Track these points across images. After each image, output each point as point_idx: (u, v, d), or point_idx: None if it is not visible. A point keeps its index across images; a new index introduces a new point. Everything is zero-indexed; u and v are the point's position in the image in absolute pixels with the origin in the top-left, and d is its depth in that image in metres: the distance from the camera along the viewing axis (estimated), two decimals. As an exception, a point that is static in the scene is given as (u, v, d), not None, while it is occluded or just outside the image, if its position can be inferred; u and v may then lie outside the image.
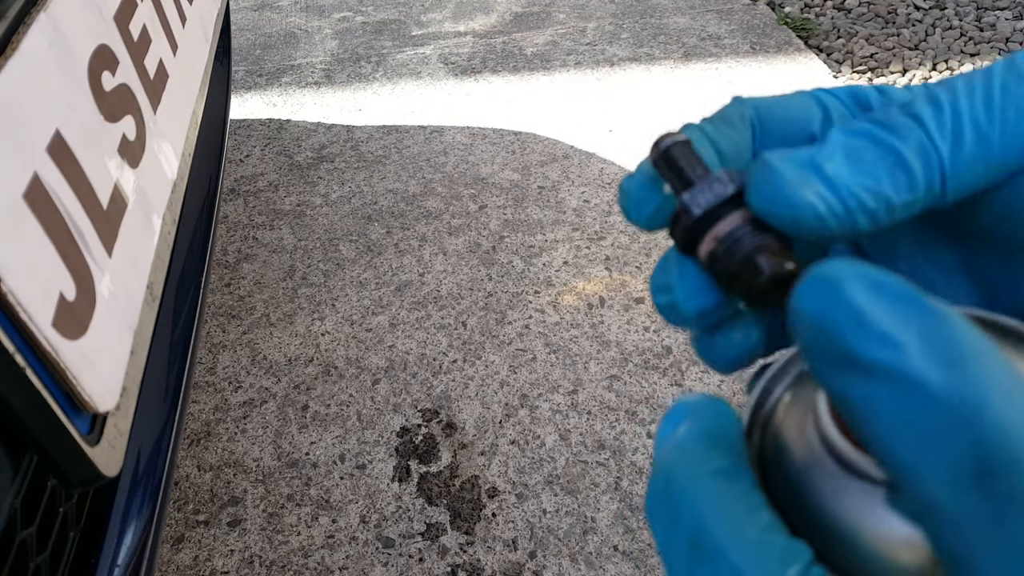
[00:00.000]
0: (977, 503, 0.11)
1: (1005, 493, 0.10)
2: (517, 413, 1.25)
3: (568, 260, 1.54)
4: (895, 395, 0.11)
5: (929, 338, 0.11)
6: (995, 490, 0.10)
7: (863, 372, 0.11)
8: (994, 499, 0.10)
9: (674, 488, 0.14)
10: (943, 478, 0.11)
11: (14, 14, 0.55)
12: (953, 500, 0.11)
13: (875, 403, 0.11)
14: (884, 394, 0.11)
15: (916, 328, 0.11)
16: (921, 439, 0.11)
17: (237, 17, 2.72)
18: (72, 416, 0.51)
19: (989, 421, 0.10)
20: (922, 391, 0.11)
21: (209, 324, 1.47)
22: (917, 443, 0.11)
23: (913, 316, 0.11)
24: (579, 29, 2.41)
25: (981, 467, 0.10)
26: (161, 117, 0.79)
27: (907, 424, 0.11)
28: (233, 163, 1.93)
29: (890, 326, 0.11)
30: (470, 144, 1.92)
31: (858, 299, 0.12)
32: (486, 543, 1.09)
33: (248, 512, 1.15)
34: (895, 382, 0.11)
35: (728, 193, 0.17)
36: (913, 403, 0.11)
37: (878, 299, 0.12)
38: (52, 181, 0.53)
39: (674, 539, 0.14)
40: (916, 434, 0.11)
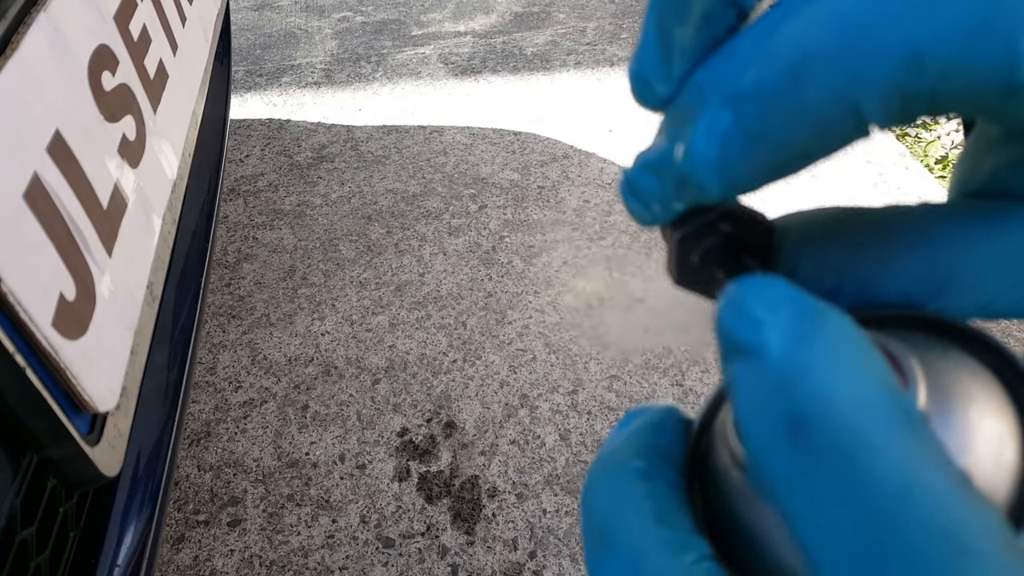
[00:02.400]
0: (789, 455, 0.11)
1: (811, 444, 0.11)
2: (517, 413, 1.25)
3: (568, 260, 1.54)
4: (746, 368, 0.12)
5: (790, 322, 0.12)
6: (803, 441, 0.11)
7: (734, 353, 0.12)
8: (802, 450, 0.11)
9: (593, 484, 0.16)
10: (763, 434, 0.12)
11: (14, 14, 0.55)
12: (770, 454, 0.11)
13: (736, 378, 0.12)
14: (742, 369, 0.12)
15: (784, 315, 0.12)
16: (752, 403, 0.12)
17: (237, 17, 2.72)
18: (72, 416, 0.51)
19: (808, 382, 0.11)
20: (764, 361, 0.12)
21: (209, 324, 1.47)
22: (749, 407, 0.12)
23: (786, 306, 0.12)
24: (579, 29, 2.41)
25: (791, 422, 0.11)
26: (161, 117, 0.79)
27: (748, 391, 0.12)
28: (233, 163, 1.93)
29: (759, 311, 0.12)
30: (470, 144, 1.92)
31: (745, 299, 0.13)
32: (486, 543, 1.09)
33: (248, 512, 1.15)
34: (749, 357, 0.12)
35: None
36: (756, 372, 0.12)
37: (762, 295, 0.12)
38: (52, 181, 0.53)
39: (587, 530, 0.15)
40: (750, 399, 0.12)
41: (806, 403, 0.11)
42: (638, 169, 0.17)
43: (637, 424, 0.17)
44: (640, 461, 0.16)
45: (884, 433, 0.11)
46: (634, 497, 0.15)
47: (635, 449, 0.16)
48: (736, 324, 0.12)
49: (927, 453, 0.11)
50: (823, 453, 0.11)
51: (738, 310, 0.12)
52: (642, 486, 0.15)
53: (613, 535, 0.15)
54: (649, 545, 0.14)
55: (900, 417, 0.11)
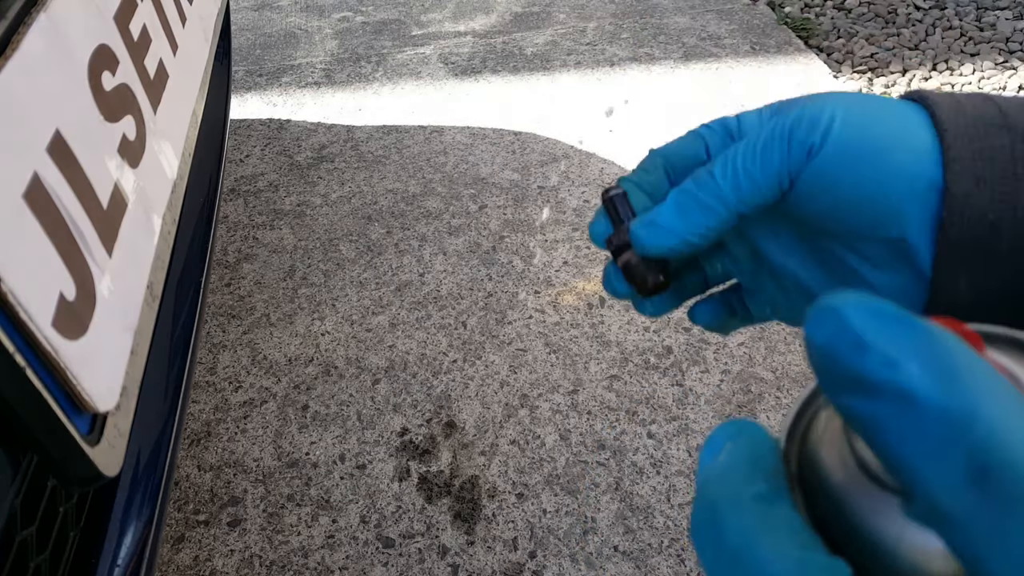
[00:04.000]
0: (978, 505, 0.11)
1: (1002, 493, 0.11)
2: (517, 413, 1.25)
3: (568, 260, 1.54)
4: (896, 410, 0.12)
5: (923, 356, 0.12)
6: (993, 491, 0.11)
7: (867, 391, 0.12)
8: (993, 500, 0.11)
9: (719, 514, 0.16)
10: (945, 484, 0.12)
11: (14, 14, 0.55)
12: (956, 503, 0.12)
13: (880, 419, 0.12)
14: (887, 410, 0.12)
15: (911, 347, 0.12)
16: (923, 448, 0.12)
17: (237, 17, 2.72)
18: (72, 416, 0.51)
19: (982, 428, 0.11)
20: (920, 404, 0.12)
21: (209, 324, 1.47)
22: (920, 452, 0.12)
23: (907, 336, 0.12)
24: (579, 29, 2.41)
25: (978, 471, 0.11)
26: (161, 117, 0.79)
27: (909, 435, 0.12)
28: (233, 163, 1.93)
29: (887, 347, 0.12)
30: (470, 144, 1.92)
31: (858, 325, 0.13)
32: (486, 543, 1.09)
33: (248, 512, 1.15)
34: (896, 398, 0.12)
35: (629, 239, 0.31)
36: (913, 416, 0.12)
37: (876, 323, 0.13)
38: (52, 181, 0.53)
39: (721, 562, 0.15)
40: (918, 444, 0.12)
41: (988, 451, 0.11)
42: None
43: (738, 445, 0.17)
44: (759, 484, 0.16)
45: None
46: (767, 523, 0.15)
47: (749, 472, 0.16)
48: (861, 360, 0.13)
49: None
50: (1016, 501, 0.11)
51: (857, 340, 0.13)
52: (771, 511, 0.15)
53: (756, 565, 0.15)
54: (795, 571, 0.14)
55: None
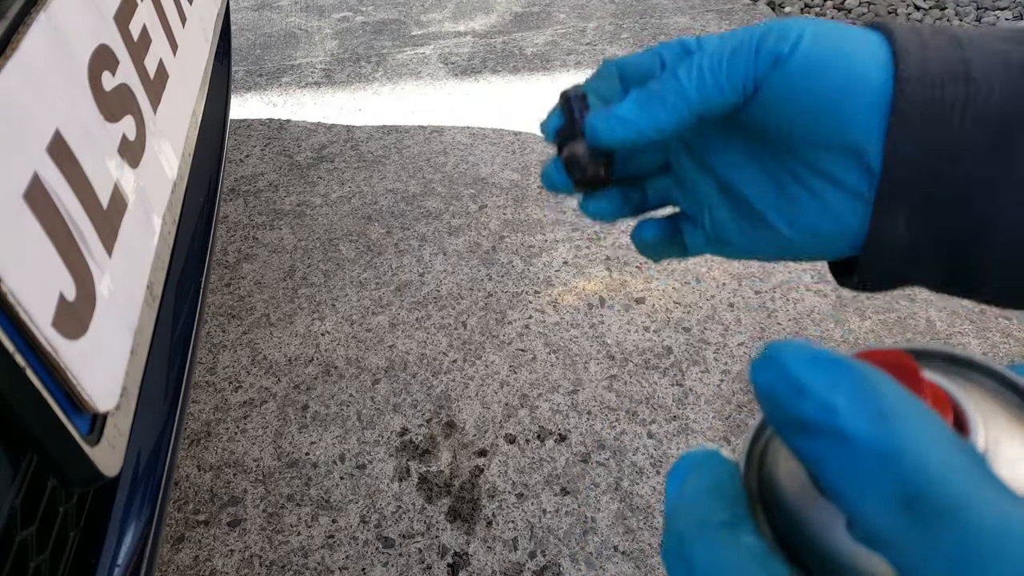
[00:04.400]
0: (910, 528, 0.13)
1: (930, 516, 0.13)
2: (517, 413, 1.25)
3: (568, 260, 1.54)
4: (834, 448, 0.14)
5: (855, 398, 0.14)
6: (921, 516, 0.13)
7: (808, 432, 0.14)
8: (922, 523, 0.13)
9: (687, 543, 0.17)
10: (879, 511, 0.13)
11: (14, 14, 0.55)
12: (890, 528, 0.13)
13: (820, 455, 0.14)
14: (826, 448, 0.14)
15: (845, 391, 0.14)
16: (858, 481, 0.13)
17: (237, 17, 2.72)
18: (72, 416, 0.51)
19: (909, 461, 0.13)
20: (854, 443, 0.13)
21: (209, 324, 1.47)
22: (856, 485, 0.13)
23: (842, 380, 0.14)
24: (579, 29, 2.41)
25: (908, 498, 0.13)
26: (161, 117, 0.79)
27: (846, 470, 0.14)
28: (233, 163, 1.93)
29: (824, 392, 0.14)
30: (470, 144, 1.92)
31: (797, 370, 0.14)
32: (486, 543, 1.09)
33: (248, 512, 1.15)
34: (832, 437, 0.14)
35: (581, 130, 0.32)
36: (848, 453, 0.13)
37: (813, 369, 0.14)
38: (52, 181, 0.53)
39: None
40: (854, 478, 0.13)
41: (916, 481, 0.13)
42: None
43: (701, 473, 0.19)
44: (723, 513, 0.17)
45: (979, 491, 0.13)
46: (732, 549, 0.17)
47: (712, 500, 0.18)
48: (801, 404, 0.14)
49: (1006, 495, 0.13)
50: (941, 522, 0.13)
51: (799, 389, 0.14)
52: (734, 537, 0.17)
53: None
54: None
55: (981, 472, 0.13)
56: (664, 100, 0.29)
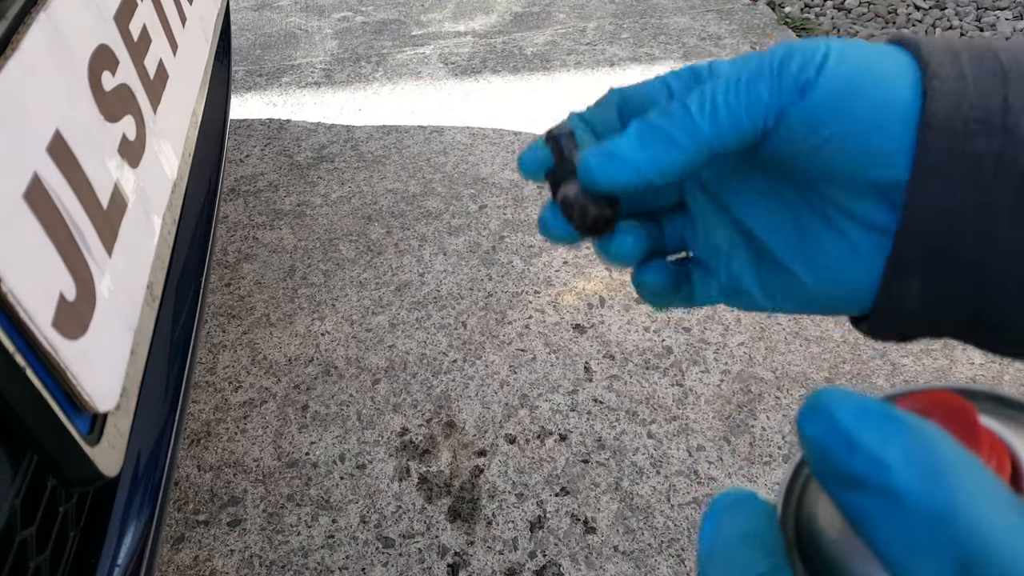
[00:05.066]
0: None
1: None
2: (517, 413, 1.25)
3: (568, 260, 1.54)
4: (884, 506, 0.13)
5: (907, 454, 0.13)
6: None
7: (857, 487, 0.13)
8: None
9: None
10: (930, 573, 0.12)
11: (14, 14, 0.55)
12: None
13: (869, 513, 0.13)
14: (876, 506, 0.13)
15: (897, 446, 0.13)
16: (908, 544, 0.13)
17: (237, 17, 2.72)
18: (72, 416, 0.51)
19: (963, 523, 0.12)
20: (905, 502, 0.13)
21: (209, 324, 1.47)
22: (906, 548, 0.13)
23: (894, 436, 0.13)
24: (579, 29, 2.41)
25: (963, 564, 0.12)
26: (161, 117, 0.79)
27: (896, 531, 0.13)
28: (233, 163, 1.93)
29: (875, 446, 0.13)
30: (470, 144, 1.92)
31: (847, 423, 0.14)
32: (486, 543, 1.09)
33: (248, 512, 1.15)
34: (883, 495, 0.13)
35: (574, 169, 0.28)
36: (899, 512, 0.13)
37: (864, 421, 0.14)
38: (52, 181, 0.53)
39: None
40: (904, 539, 0.13)
41: (971, 545, 0.12)
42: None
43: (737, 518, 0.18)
44: (761, 564, 0.16)
45: None
46: None
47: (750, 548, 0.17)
48: (851, 460, 0.13)
49: None
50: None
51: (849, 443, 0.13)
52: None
53: None
54: None
55: None
56: (669, 137, 0.25)
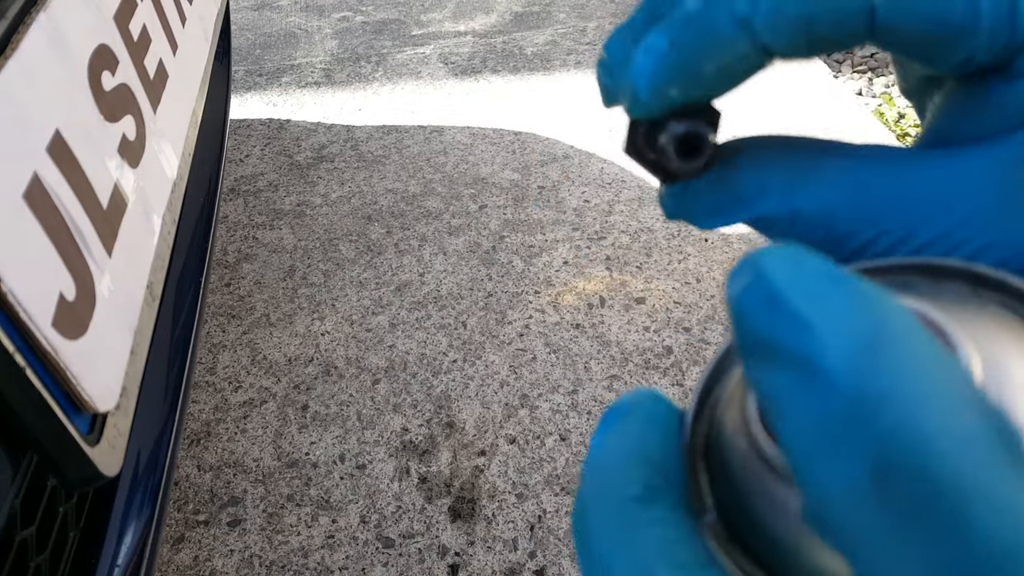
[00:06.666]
0: (873, 514, 0.09)
1: (903, 503, 0.09)
2: (517, 413, 1.25)
3: (568, 260, 1.54)
4: (799, 383, 0.10)
5: (842, 320, 0.10)
6: (892, 500, 0.09)
7: (772, 358, 0.10)
8: (891, 510, 0.09)
9: (586, 520, 0.13)
10: (838, 483, 0.09)
11: (14, 14, 0.55)
12: (848, 510, 0.09)
13: (780, 393, 0.10)
14: (788, 382, 0.10)
15: (830, 309, 0.10)
16: (819, 436, 0.10)
17: (237, 17, 2.72)
18: (72, 416, 0.51)
19: (891, 415, 0.09)
20: (823, 379, 0.10)
21: (209, 324, 1.47)
22: (815, 440, 0.10)
23: (830, 296, 0.10)
24: (579, 29, 2.41)
25: (878, 471, 0.09)
26: (161, 117, 0.79)
27: (805, 419, 0.10)
28: (233, 163, 1.93)
29: (803, 306, 0.10)
30: (470, 144, 1.92)
31: (775, 279, 0.10)
32: (486, 543, 1.09)
33: (248, 512, 1.15)
34: (799, 368, 0.10)
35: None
36: (814, 393, 0.10)
37: (799, 277, 0.10)
38: (52, 181, 0.53)
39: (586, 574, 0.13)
40: (815, 429, 0.10)
41: (895, 446, 0.09)
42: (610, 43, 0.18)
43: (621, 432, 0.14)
44: (635, 485, 0.13)
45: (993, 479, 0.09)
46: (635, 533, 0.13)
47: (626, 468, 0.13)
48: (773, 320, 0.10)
49: None
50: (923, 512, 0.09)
51: (770, 296, 0.10)
52: (643, 517, 0.13)
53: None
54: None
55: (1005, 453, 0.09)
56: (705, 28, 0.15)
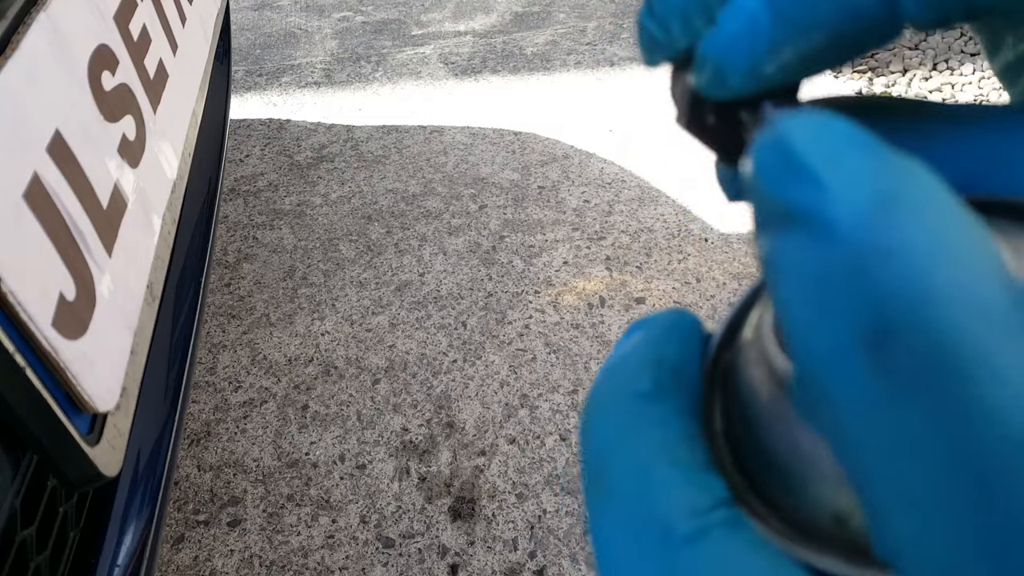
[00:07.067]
0: (866, 381, 0.08)
1: (900, 369, 0.08)
2: (517, 413, 1.25)
3: (568, 260, 1.54)
4: (803, 241, 0.09)
5: (860, 177, 0.09)
6: (889, 364, 0.08)
7: (782, 221, 0.09)
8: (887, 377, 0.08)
9: (591, 414, 0.13)
10: (830, 342, 0.08)
11: (14, 14, 0.55)
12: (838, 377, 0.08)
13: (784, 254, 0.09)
14: (794, 242, 0.09)
15: (850, 166, 0.09)
16: (815, 293, 0.09)
17: (237, 17, 2.72)
18: (72, 416, 0.51)
19: (896, 269, 0.08)
20: (829, 233, 0.08)
21: (209, 324, 1.47)
22: (809, 298, 0.09)
23: (851, 155, 0.09)
24: (579, 29, 2.41)
25: (877, 330, 0.08)
26: (161, 117, 0.79)
27: (805, 275, 0.09)
28: (233, 163, 1.93)
29: (817, 165, 0.09)
30: (470, 144, 1.92)
31: (794, 140, 0.09)
32: (486, 543, 1.09)
33: (248, 512, 1.15)
34: (806, 225, 0.09)
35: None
36: (816, 247, 0.09)
37: (817, 140, 0.09)
38: (52, 181, 0.53)
39: (584, 469, 0.12)
40: (811, 286, 0.09)
41: (895, 303, 0.08)
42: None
43: (642, 336, 0.13)
44: (645, 380, 0.12)
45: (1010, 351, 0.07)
46: (636, 428, 0.12)
47: (639, 366, 0.13)
48: (783, 179, 0.09)
49: None
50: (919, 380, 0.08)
51: (786, 158, 0.09)
52: (646, 413, 0.12)
53: (611, 476, 0.12)
54: (655, 488, 0.11)
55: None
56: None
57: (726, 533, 0.11)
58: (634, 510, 0.11)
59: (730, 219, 1.60)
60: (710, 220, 1.61)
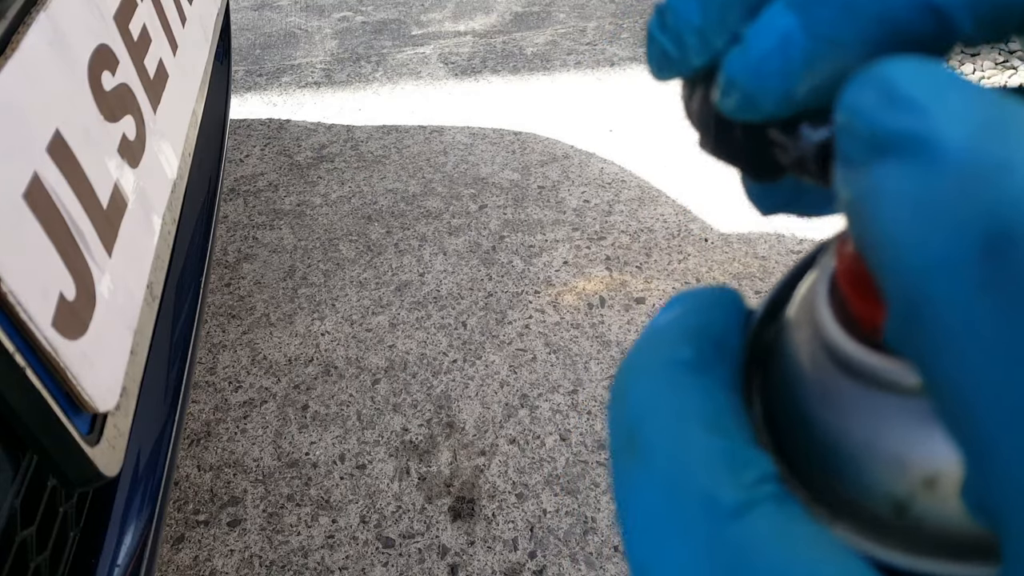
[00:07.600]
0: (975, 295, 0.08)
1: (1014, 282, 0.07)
2: (517, 413, 1.25)
3: (568, 260, 1.54)
4: (910, 167, 0.09)
5: (966, 105, 0.09)
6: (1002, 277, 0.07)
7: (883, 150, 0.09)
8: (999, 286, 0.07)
9: (627, 375, 0.12)
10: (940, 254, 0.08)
11: (14, 14, 0.55)
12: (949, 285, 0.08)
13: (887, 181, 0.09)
14: (898, 169, 0.09)
15: (953, 97, 0.09)
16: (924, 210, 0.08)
17: (237, 17, 2.72)
18: (72, 416, 0.51)
19: (1013, 179, 0.08)
20: (941, 153, 0.08)
21: (209, 324, 1.47)
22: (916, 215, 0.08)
23: (953, 88, 0.09)
24: (579, 29, 2.41)
25: (989, 242, 0.08)
26: (161, 117, 0.79)
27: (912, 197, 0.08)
28: (233, 163, 1.93)
29: (922, 95, 0.09)
30: (470, 144, 1.92)
31: (895, 76, 0.09)
32: (486, 543, 1.09)
33: (248, 512, 1.15)
34: (914, 149, 0.09)
35: None
36: (928, 168, 0.08)
37: (917, 77, 0.09)
38: (52, 181, 0.53)
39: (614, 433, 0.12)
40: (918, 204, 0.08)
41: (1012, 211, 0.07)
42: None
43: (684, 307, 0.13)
44: (687, 349, 0.12)
45: None
46: (677, 395, 0.12)
47: (681, 334, 0.12)
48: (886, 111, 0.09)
49: None
50: None
51: (889, 92, 0.09)
52: (688, 382, 0.12)
53: (647, 441, 0.11)
54: (694, 457, 0.11)
55: None
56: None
57: (776, 509, 0.10)
58: (673, 477, 0.11)
59: (730, 219, 1.60)
60: (710, 220, 1.61)
